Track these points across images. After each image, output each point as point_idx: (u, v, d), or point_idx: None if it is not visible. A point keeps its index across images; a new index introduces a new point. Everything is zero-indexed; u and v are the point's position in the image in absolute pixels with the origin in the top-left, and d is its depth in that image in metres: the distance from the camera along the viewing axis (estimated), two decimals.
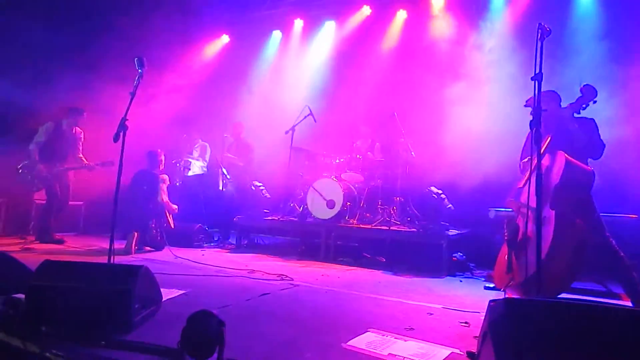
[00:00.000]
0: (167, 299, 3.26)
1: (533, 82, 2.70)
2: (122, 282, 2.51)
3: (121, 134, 3.19)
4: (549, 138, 3.62)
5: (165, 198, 5.96)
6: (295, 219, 6.15)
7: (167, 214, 6.02)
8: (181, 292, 3.54)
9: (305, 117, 6.46)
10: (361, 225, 5.67)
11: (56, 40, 6.49)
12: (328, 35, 8.32)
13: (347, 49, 7.83)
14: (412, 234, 5.28)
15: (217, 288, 3.83)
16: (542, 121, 2.54)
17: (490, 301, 1.76)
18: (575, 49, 5.68)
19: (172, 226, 6.02)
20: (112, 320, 2.44)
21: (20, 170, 5.88)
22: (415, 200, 5.95)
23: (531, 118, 2.70)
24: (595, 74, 4.86)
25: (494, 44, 6.31)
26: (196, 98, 8.21)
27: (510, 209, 4.06)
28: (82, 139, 6.34)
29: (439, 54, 6.70)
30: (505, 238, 3.60)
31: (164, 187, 5.96)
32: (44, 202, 6.12)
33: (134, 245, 5.51)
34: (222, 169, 6.76)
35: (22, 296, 2.54)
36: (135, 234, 5.57)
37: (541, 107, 2.69)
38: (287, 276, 4.33)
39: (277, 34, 8.84)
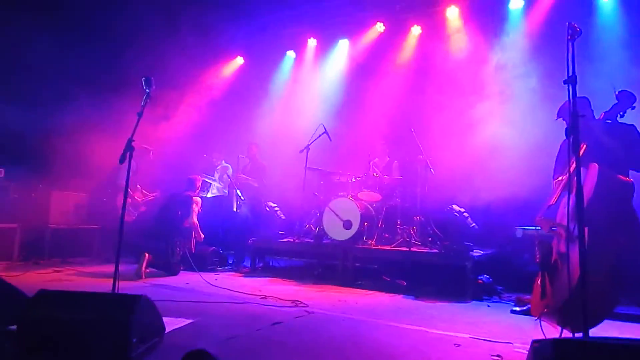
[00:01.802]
0: (172, 330, 3.09)
1: (566, 85, 2.44)
2: (119, 313, 2.32)
3: (127, 154, 3.15)
4: (585, 147, 3.32)
5: (195, 220, 5.97)
6: (311, 241, 5.96)
7: (193, 238, 5.98)
8: (188, 321, 3.35)
9: (320, 135, 6.30)
10: (380, 247, 5.48)
11: (75, 62, 6.61)
12: (342, 53, 8.27)
13: (362, 66, 7.77)
14: (434, 255, 5.05)
15: (227, 316, 3.64)
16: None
17: (533, 342, 1.48)
18: (599, 55, 5.42)
19: (193, 250, 5.97)
20: (107, 356, 2.23)
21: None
22: (436, 220, 5.72)
23: (565, 125, 2.42)
24: (623, 80, 4.58)
25: (513, 58, 6.20)
26: (213, 118, 8.20)
27: (539, 228, 3.74)
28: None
29: (456, 69, 6.60)
30: (537, 260, 3.34)
31: (196, 209, 5.98)
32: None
33: (144, 269, 5.41)
34: (236, 190, 6.67)
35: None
36: (147, 255, 5.46)
37: (582, 114, 2.41)
38: (301, 302, 4.14)
39: (291, 54, 8.82)
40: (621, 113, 3.34)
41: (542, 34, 6.14)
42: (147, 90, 3.34)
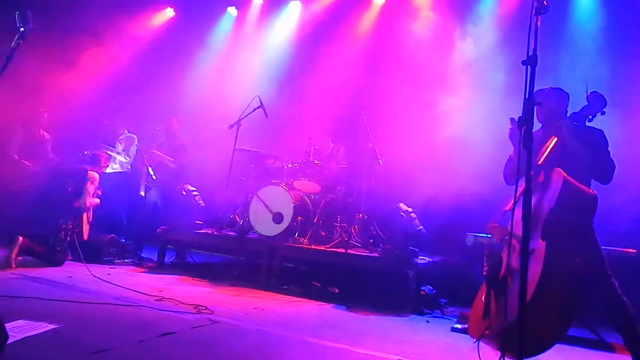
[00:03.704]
0: (25, 337, 2.76)
1: (525, 66, 2.30)
2: None
3: None
4: (553, 142, 3.26)
5: (89, 201, 5.66)
6: (234, 234, 5.80)
7: (84, 222, 5.68)
8: (50, 326, 3.01)
9: (255, 109, 6.10)
10: (313, 246, 5.39)
11: None
12: (292, 16, 8.03)
13: (312, 35, 7.60)
14: (373, 259, 4.98)
15: (105, 322, 3.33)
16: (544, 122, 2.11)
17: None
18: (576, 51, 5.56)
19: (86, 237, 5.68)
20: None
21: None
22: (380, 219, 5.67)
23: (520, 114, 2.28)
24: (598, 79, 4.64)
25: (482, 46, 6.22)
26: (130, 77, 7.76)
27: (491, 236, 3.67)
28: None
29: (419, 51, 6.54)
30: (484, 274, 3.21)
31: (91, 188, 5.68)
32: None
33: (14, 255, 4.99)
34: (148, 167, 6.31)
35: None
36: (20, 239, 5.08)
37: (538, 101, 2.29)
38: (206, 308, 3.88)
39: (232, 11, 8.49)
40: (590, 117, 3.30)
41: (514, 20, 6.16)
42: (22, 28, 2.98)
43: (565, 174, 3.14)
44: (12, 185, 6.13)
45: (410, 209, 5.42)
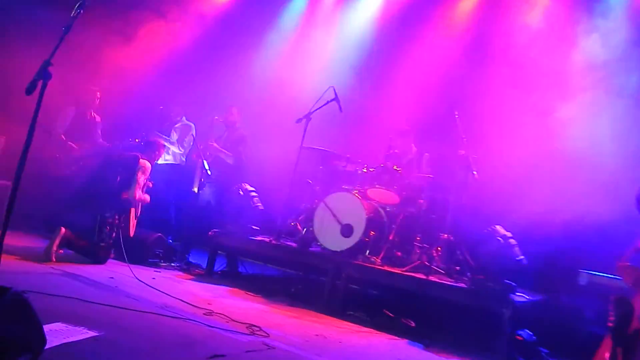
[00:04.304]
0: (63, 344, 2.83)
1: None
2: None
3: (39, 84, 2.91)
4: None
5: (138, 194, 5.81)
6: (295, 245, 5.83)
7: (131, 217, 5.84)
8: (90, 333, 3.08)
9: (328, 102, 6.04)
10: (387, 268, 5.33)
11: None
12: (373, 1, 7.95)
13: (400, 18, 7.50)
14: (460, 290, 4.87)
15: (149, 334, 3.40)
16: None
17: None
18: None
19: (132, 234, 5.85)
20: None
21: None
22: (470, 242, 5.50)
23: None
24: None
25: (610, 41, 5.96)
26: (186, 61, 7.96)
27: (619, 277, 3.47)
28: None
29: (531, 44, 6.38)
30: (609, 324, 3.12)
31: (142, 179, 5.82)
32: None
33: (55, 248, 5.16)
34: (203, 161, 6.39)
35: None
36: (62, 230, 5.25)
37: None
38: (261, 329, 3.91)
39: None
40: None
41: None
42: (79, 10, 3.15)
43: None
44: (56, 169, 6.43)
45: (509, 234, 5.19)
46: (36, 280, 4.10)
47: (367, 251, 5.54)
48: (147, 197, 5.97)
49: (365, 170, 6.01)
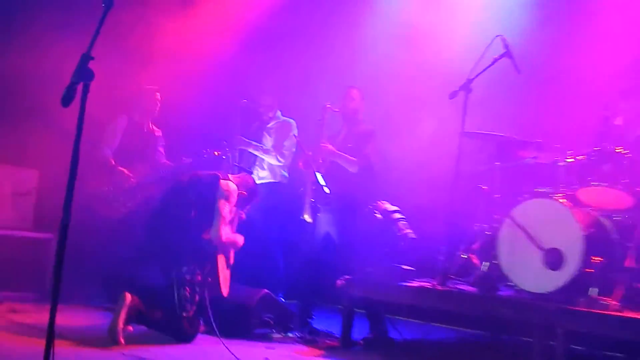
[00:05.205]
0: None
1: None
2: None
3: (79, 88, 2.92)
4: None
5: (225, 233, 5.46)
6: (472, 289, 5.45)
7: (220, 269, 5.58)
8: None
9: (496, 60, 5.65)
10: (629, 314, 4.77)
11: None
12: None
13: None
14: None
15: None
16: None
17: None
18: None
19: (225, 292, 5.64)
20: None
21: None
22: None
23: None
24: None
25: None
26: (274, 31, 7.92)
27: None
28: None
29: None
30: None
31: (226, 209, 5.47)
32: None
33: (121, 324, 4.95)
34: (314, 172, 6.08)
35: None
36: (128, 298, 5.02)
37: None
38: None
39: None
40: None
41: None
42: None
43: None
44: (107, 208, 6.41)
45: None
46: None
47: (593, 289, 4.99)
48: (240, 238, 5.67)
49: (570, 160, 5.49)
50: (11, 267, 6.67)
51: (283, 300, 6.30)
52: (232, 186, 5.51)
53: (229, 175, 5.68)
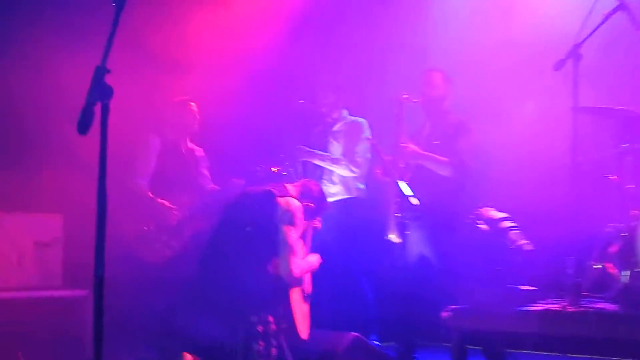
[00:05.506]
0: None
1: None
2: None
3: (97, 111, 2.85)
4: None
5: (297, 266, 5.13)
6: (614, 307, 5.02)
7: (296, 308, 5.35)
8: None
9: (607, 17, 5.20)
10: None
11: None
12: None
13: None
14: None
15: None
16: None
17: None
18: None
19: (305, 335, 5.38)
20: None
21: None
22: None
23: None
24: None
25: None
26: (329, 14, 7.64)
27: None
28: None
29: None
30: None
31: (293, 234, 5.16)
32: None
33: None
34: (397, 182, 5.71)
35: None
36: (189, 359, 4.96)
37: None
38: None
39: None
40: None
41: None
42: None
43: None
44: (149, 250, 6.29)
45: None
46: None
47: None
48: (314, 259, 5.33)
49: None
50: (41, 334, 6.41)
51: (377, 343, 6.04)
52: (294, 203, 5.13)
53: (287, 186, 5.30)
